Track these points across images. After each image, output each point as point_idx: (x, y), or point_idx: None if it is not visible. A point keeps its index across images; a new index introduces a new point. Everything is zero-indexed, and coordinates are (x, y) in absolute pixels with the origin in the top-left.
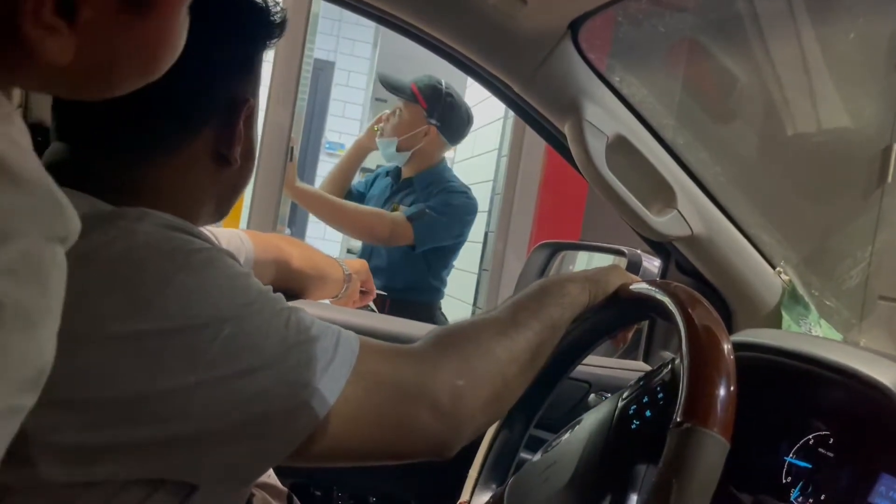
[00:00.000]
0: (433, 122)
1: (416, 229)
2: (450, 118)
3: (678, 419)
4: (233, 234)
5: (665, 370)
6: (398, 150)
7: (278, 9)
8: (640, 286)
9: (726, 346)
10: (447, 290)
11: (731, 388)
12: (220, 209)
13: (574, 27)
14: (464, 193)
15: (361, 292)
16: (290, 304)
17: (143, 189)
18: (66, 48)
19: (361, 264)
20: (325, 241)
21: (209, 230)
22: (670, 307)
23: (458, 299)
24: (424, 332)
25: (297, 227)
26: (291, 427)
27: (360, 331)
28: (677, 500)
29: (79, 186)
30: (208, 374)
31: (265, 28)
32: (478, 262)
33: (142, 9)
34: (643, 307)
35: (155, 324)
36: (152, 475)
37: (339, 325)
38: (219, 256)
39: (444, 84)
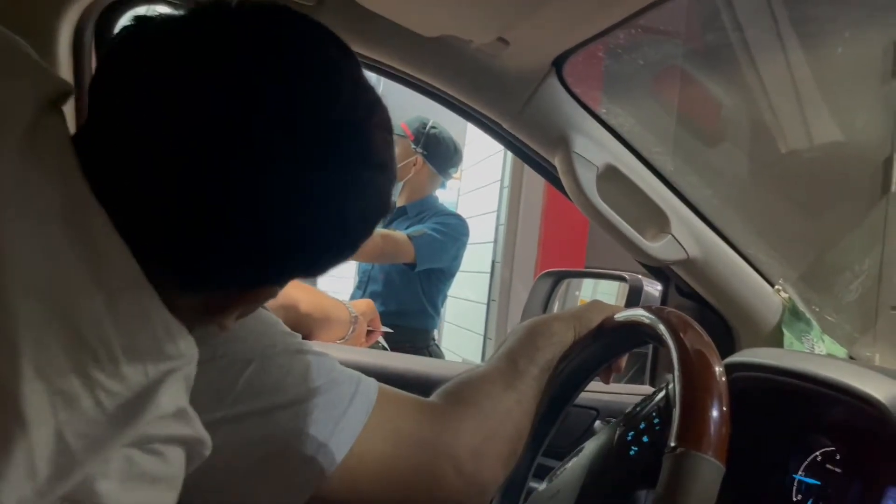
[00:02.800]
0: (419, 150)
1: (417, 247)
2: (435, 147)
3: (672, 444)
4: None
5: (660, 395)
6: None
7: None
8: (623, 315)
9: (718, 369)
10: (457, 322)
11: (724, 410)
12: None
13: (558, 64)
14: (456, 216)
15: (368, 332)
16: (312, 346)
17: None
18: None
19: (368, 304)
20: (335, 278)
21: None
22: (658, 332)
23: (468, 330)
24: (437, 370)
25: None
26: (309, 471)
27: (372, 370)
28: None
29: None
30: (231, 411)
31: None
32: (486, 293)
33: None
34: (632, 334)
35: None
36: None
37: (352, 365)
38: None
39: (430, 121)
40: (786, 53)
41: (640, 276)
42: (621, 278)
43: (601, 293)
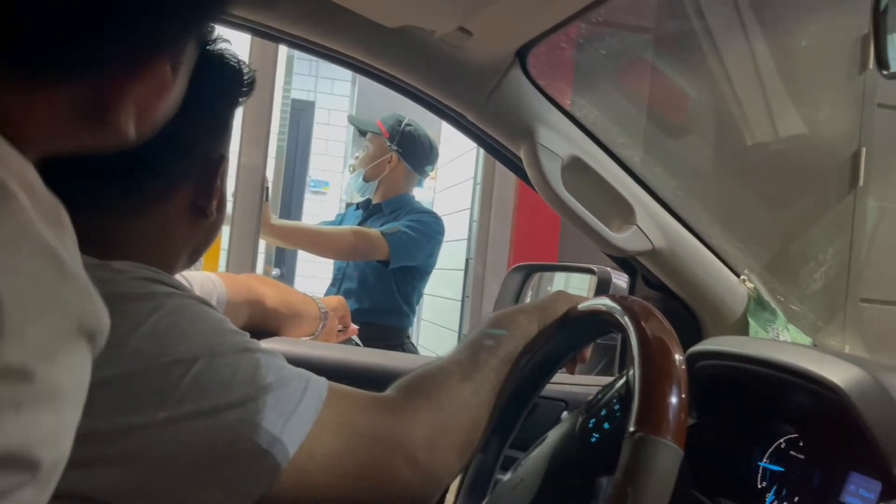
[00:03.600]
0: (394, 147)
1: (390, 244)
2: (411, 145)
3: (631, 429)
4: (205, 277)
5: (620, 382)
6: (365, 179)
7: (248, 68)
8: (587, 305)
9: (678, 357)
10: (431, 319)
11: (683, 397)
12: (193, 258)
13: (521, 55)
14: (431, 213)
15: (340, 329)
16: (267, 340)
17: (126, 243)
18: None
19: (339, 301)
20: (316, 279)
21: (182, 275)
22: (621, 320)
23: (444, 327)
24: (401, 364)
25: (286, 266)
26: (258, 470)
27: (336, 364)
28: None
29: None
30: (177, 410)
31: (239, 87)
32: (461, 290)
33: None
34: (595, 323)
35: (128, 363)
36: None
37: (317, 360)
38: (192, 301)
39: (406, 118)
40: (751, 46)
41: (608, 269)
42: (590, 271)
43: (573, 287)
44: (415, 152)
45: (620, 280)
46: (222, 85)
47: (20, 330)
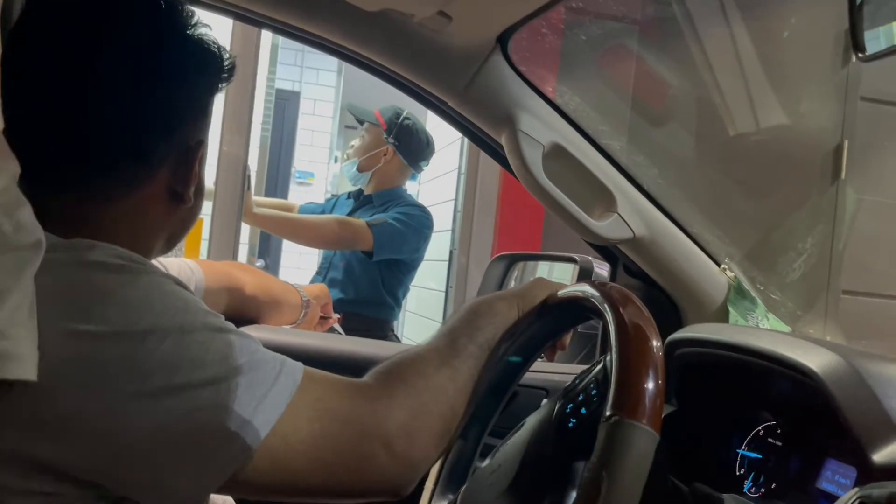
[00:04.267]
0: (391, 140)
1: (375, 235)
2: (407, 139)
3: (608, 413)
4: (183, 263)
5: (598, 368)
6: (359, 170)
7: (228, 54)
8: (566, 291)
9: (655, 343)
10: (416, 310)
11: (660, 382)
12: (170, 243)
13: (503, 41)
14: (420, 208)
15: (322, 318)
16: (247, 328)
17: (101, 227)
18: None
19: (321, 289)
20: (301, 270)
21: (159, 261)
22: (599, 306)
23: (427, 318)
24: (380, 351)
25: (271, 257)
26: (228, 451)
27: (315, 352)
28: (608, 491)
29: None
30: (146, 385)
31: (218, 72)
32: (444, 281)
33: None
34: (574, 310)
35: (96, 332)
36: (89, 490)
37: (296, 348)
38: (164, 280)
39: (405, 112)
40: (734, 37)
41: (590, 259)
42: (572, 260)
43: (556, 277)
44: (411, 147)
45: (603, 270)
46: (201, 70)
47: None
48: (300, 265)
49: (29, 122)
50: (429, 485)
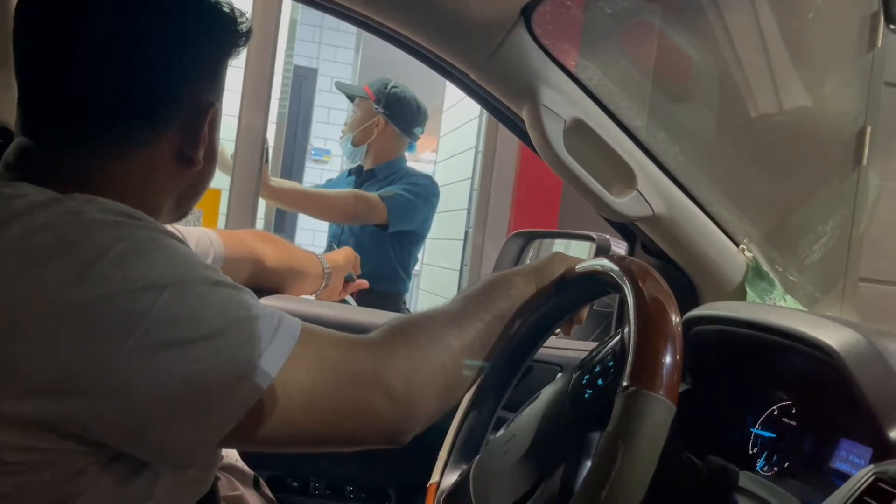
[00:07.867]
0: (380, 109)
1: (389, 208)
2: (398, 106)
3: (625, 383)
4: (202, 233)
5: (615, 340)
6: (354, 144)
7: (245, 18)
8: (584, 265)
9: (674, 317)
10: (432, 290)
11: (678, 356)
12: (181, 208)
13: (526, 13)
14: (426, 176)
15: (346, 281)
16: (266, 298)
17: (106, 185)
18: None
19: (346, 254)
20: (316, 248)
21: (177, 228)
22: (618, 280)
23: (441, 297)
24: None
25: (285, 234)
26: (229, 404)
27: (333, 322)
28: (624, 460)
29: (42, 181)
30: (145, 340)
31: (232, 35)
32: (459, 259)
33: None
34: (593, 284)
35: (94, 287)
36: (90, 447)
37: (314, 318)
38: (163, 235)
39: (392, 81)
40: (759, 16)
41: (607, 237)
42: (589, 238)
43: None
44: (401, 114)
45: (620, 248)
46: (213, 31)
47: None
48: (314, 243)
49: (32, 75)
50: (442, 454)
